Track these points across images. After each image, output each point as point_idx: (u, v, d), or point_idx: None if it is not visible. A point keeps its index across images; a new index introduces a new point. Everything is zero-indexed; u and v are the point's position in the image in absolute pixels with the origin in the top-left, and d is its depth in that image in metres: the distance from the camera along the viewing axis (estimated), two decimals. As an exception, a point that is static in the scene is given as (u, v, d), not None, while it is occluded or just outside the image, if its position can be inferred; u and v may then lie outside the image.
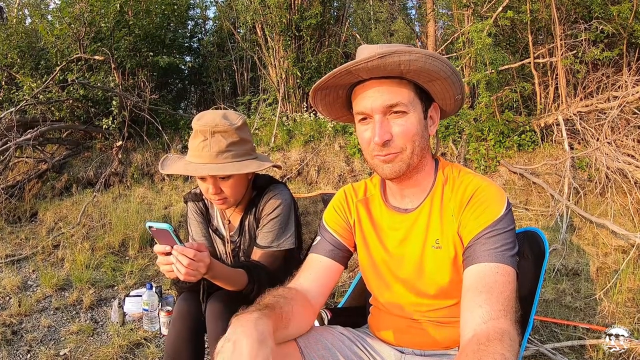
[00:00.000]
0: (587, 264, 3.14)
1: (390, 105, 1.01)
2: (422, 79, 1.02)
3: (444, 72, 0.99)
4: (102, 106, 5.62)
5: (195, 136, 1.50)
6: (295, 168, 5.00)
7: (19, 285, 3.10)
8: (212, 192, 1.50)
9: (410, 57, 0.94)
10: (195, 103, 8.14)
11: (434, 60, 0.96)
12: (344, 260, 1.25)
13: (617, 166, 3.88)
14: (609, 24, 4.37)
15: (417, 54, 0.94)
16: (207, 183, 1.50)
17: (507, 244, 0.99)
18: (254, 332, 0.85)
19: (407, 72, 0.98)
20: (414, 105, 1.03)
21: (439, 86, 1.03)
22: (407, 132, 1.02)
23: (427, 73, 0.99)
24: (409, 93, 1.02)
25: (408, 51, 0.94)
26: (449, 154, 4.73)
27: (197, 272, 1.23)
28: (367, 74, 1.00)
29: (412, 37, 9.63)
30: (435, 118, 1.10)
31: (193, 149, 1.50)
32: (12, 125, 4.66)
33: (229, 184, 1.51)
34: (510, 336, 0.86)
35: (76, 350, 2.36)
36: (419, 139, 1.04)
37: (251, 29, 6.47)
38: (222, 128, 1.48)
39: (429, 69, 0.97)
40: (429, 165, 1.14)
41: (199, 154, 1.48)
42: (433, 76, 1.00)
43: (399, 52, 0.94)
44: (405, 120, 1.02)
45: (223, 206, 1.57)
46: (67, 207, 4.66)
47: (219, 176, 1.49)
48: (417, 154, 1.05)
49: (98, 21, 5.64)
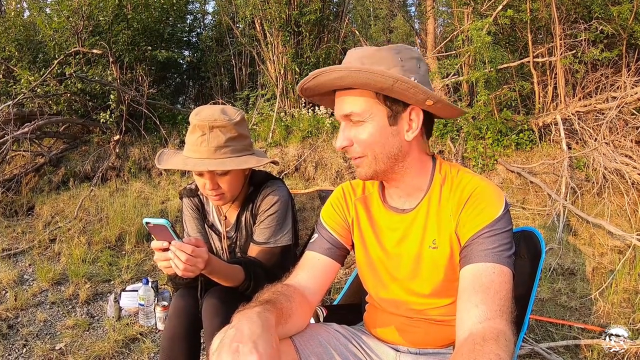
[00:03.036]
0: (583, 263, 3.15)
1: (345, 115, 1.06)
2: (372, 89, 1.02)
3: (383, 83, 0.98)
4: (99, 100, 5.60)
5: (193, 131, 1.49)
6: (292, 164, 5.00)
7: (15, 279, 3.10)
8: (210, 188, 1.49)
9: (338, 75, 1.00)
10: (193, 98, 8.11)
11: (366, 73, 0.97)
12: (341, 259, 1.25)
13: (615, 167, 3.89)
14: (609, 24, 4.36)
15: (344, 72, 0.99)
16: (205, 179, 1.49)
17: (505, 244, 1.00)
18: (258, 320, 0.85)
19: (353, 85, 1.02)
20: (372, 114, 1.03)
21: (397, 94, 1.01)
22: (362, 140, 1.05)
23: (368, 85, 1.01)
24: (366, 102, 1.03)
25: (337, 69, 0.99)
26: (446, 152, 4.73)
27: (195, 267, 1.23)
28: (326, 88, 1.07)
29: (411, 35, 9.63)
30: (414, 122, 1.06)
31: (191, 144, 1.49)
32: (9, 119, 4.63)
33: (226, 179, 1.50)
34: (505, 336, 0.86)
35: (72, 344, 2.36)
36: (380, 147, 1.05)
37: (250, 24, 6.44)
38: (220, 123, 1.47)
39: (364, 82, 0.99)
40: (422, 165, 1.13)
41: (197, 148, 1.47)
42: (376, 87, 1.00)
43: (329, 70, 1.00)
44: (363, 129, 1.05)
45: (220, 202, 1.56)
46: (64, 201, 4.65)
47: (217, 172, 1.48)
48: (381, 160, 1.07)
49: (96, 15, 5.60)
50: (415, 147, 1.10)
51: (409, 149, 1.08)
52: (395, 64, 1.02)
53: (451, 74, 5.01)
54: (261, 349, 0.78)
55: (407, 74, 1.02)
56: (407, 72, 1.02)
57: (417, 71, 1.05)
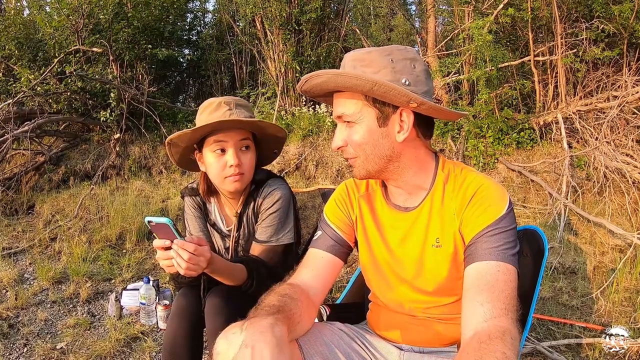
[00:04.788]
0: (584, 262, 3.15)
1: (338, 116, 1.09)
2: (357, 92, 1.04)
3: (363, 87, 1.00)
4: (100, 98, 5.59)
5: (219, 107, 1.50)
6: (293, 162, 5.00)
7: (16, 278, 3.09)
8: (235, 163, 1.49)
9: (321, 79, 1.04)
10: (193, 96, 8.11)
11: (345, 78, 1.01)
12: (344, 256, 1.24)
13: (616, 166, 3.88)
14: (610, 23, 4.36)
15: (326, 76, 1.03)
16: (227, 155, 1.50)
17: (509, 242, 0.99)
18: (273, 339, 0.84)
19: (337, 88, 1.06)
20: (362, 116, 1.05)
21: (380, 97, 1.02)
22: (354, 141, 1.07)
23: (351, 89, 1.03)
24: (357, 104, 1.05)
25: (321, 74, 1.04)
26: (447, 150, 4.73)
27: (197, 266, 1.23)
28: (322, 91, 1.10)
29: (412, 33, 9.61)
30: (405, 123, 1.05)
31: (217, 117, 1.48)
32: (9, 117, 4.62)
33: (248, 156, 1.54)
34: (511, 335, 0.86)
35: (73, 343, 2.36)
36: (371, 148, 1.06)
37: (251, 23, 6.44)
38: (243, 102, 1.56)
39: (347, 86, 1.02)
40: (422, 164, 1.12)
41: (227, 118, 1.48)
42: (358, 90, 1.02)
43: (315, 75, 1.05)
44: (354, 130, 1.07)
45: (238, 184, 1.54)
46: (64, 200, 4.64)
47: (242, 145, 1.52)
48: (373, 161, 1.08)
49: (96, 13, 5.59)
50: (411, 147, 1.09)
51: (402, 150, 1.08)
52: (385, 66, 1.02)
53: (452, 72, 5.01)
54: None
55: (397, 75, 1.02)
56: (398, 74, 1.02)
57: (410, 72, 1.04)
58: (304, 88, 1.11)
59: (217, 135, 1.50)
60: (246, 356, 0.82)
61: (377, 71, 1.01)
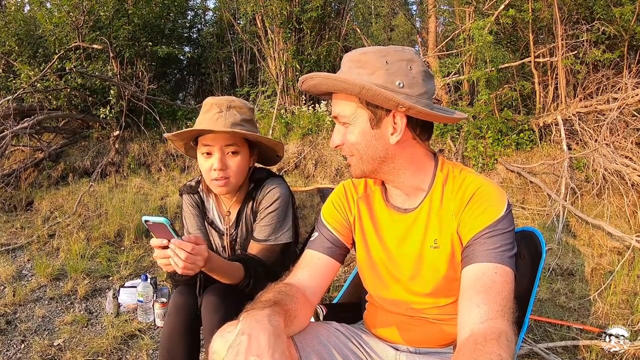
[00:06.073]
0: (582, 264, 3.15)
1: (334, 116, 1.11)
2: (350, 93, 1.05)
3: (351, 90, 1.01)
4: (99, 95, 5.59)
5: (210, 109, 1.50)
6: (292, 161, 4.99)
7: (14, 275, 3.09)
8: (218, 168, 1.47)
9: (314, 82, 1.07)
10: (193, 94, 8.11)
11: (334, 81, 1.03)
12: (341, 258, 1.24)
13: (615, 168, 3.89)
14: (611, 25, 4.36)
15: (317, 79, 1.06)
16: (213, 159, 1.48)
17: (507, 244, 0.99)
18: (269, 327, 0.85)
19: (328, 91, 1.09)
20: (356, 117, 1.06)
21: (371, 100, 1.02)
22: (349, 141, 1.09)
23: (342, 92, 1.05)
24: (351, 106, 1.06)
25: (313, 76, 1.07)
26: (446, 150, 4.73)
27: (195, 265, 1.23)
28: (320, 91, 1.12)
29: (412, 33, 9.61)
30: (398, 126, 1.05)
31: (207, 120, 1.48)
32: (9, 114, 4.63)
33: (236, 161, 1.50)
34: (507, 337, 0.86)
35: (70, 340, 2.35)
36: (364, 149, 1.07)
37: (251, 21, 6.44)
38: (238, 104, 1.53)
39: (337, 88, 1.04)
40: (419, 166, 1.12)
41: (213, 124, 1.47)
42: (348, 93, 1.04)
43: (309, 77, 1.07)
44: (349, 131, 1.08)
45: (223, 189, 1.53)
46: (63, 197, 4.64)
47: (228, 150, 1.49)
48: (366, 161, 1.09)
49: (97, 10, 5.58)
50: (407, 149, 1.09)
51: (397, 151, 1.07)
52: (379, 68, 1.01)
53: (452, 72, 5.01)
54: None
55: (392, 77, 1.01)
56: (392, 76, 1.01)
57: (406, 74, 1.02)
58: (302, 88, 1.13)
59: (204, 139, 1.50)
60: (243, 343, 0.82)
61: (372, 73, 1.01)
